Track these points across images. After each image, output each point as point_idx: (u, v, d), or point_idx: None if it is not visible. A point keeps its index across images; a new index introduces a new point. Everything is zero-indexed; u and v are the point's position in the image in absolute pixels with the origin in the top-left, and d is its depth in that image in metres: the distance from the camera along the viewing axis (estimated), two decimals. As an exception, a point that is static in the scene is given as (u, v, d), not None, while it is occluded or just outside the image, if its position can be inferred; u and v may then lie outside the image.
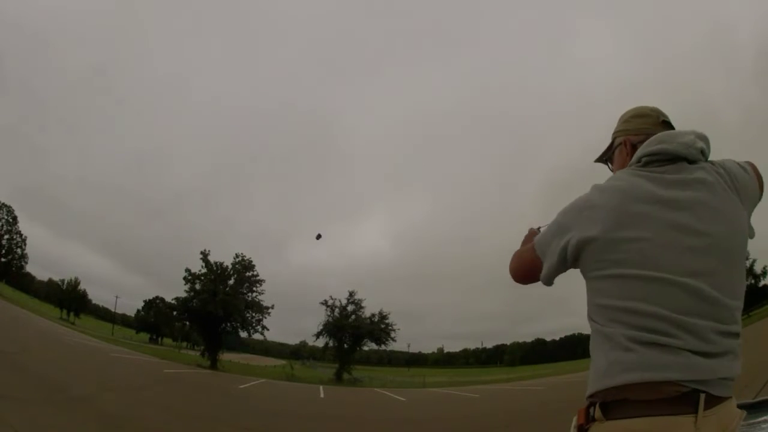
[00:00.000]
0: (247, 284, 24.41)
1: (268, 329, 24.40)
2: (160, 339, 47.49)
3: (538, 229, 1.23)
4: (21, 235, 41.73)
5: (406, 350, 49.91)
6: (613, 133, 1.20)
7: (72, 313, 43.32)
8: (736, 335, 0.89)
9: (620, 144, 1.15)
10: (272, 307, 24.63)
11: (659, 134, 1.02)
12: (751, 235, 0.96)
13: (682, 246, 0.89)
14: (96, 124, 78.35)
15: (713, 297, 0.88)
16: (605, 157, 1.23)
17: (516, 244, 1.21)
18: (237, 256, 24.81)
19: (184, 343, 41.41)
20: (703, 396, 0.80)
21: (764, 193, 1.04)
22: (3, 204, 40.61)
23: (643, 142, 1.04)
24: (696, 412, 0.79)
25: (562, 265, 1.01)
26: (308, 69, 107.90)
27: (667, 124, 1.11)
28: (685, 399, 0.81)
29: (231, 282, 24.02)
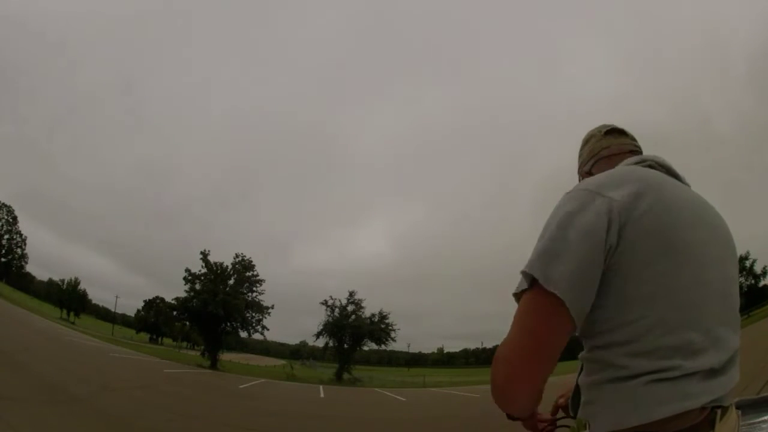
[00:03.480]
0: (247, 284, 24.45)
1: (268, 329, 24.50)
2: (160, 339, 47.51)
3: None
4: (21, 235, 41.81)
5: (406, 350, 49.89)
6: (579, 168, 1.11)
7: (72, 313, 43.30)
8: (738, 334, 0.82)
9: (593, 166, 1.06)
10: (272, 307, 24.72)
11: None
12: None
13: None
14: (104, 128, 78.47)
15: (734, 296, 0.80)
16: None
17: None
18: (237, 256, 24.88)
19: (184, 343, 41.41)
20: (719, 411, 0.72)
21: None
22: (3, 204, 40.66)
23: (618, 155, 1.00)
24: (713, 428, 0.71)
25: None
26: (315, 83, 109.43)
27: (613, 131, 1.06)
28: (706, 419, 0.71)
29: (231, 282, 24.06)
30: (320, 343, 26.91)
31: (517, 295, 0.77)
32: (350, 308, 26.80)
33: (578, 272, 0.71)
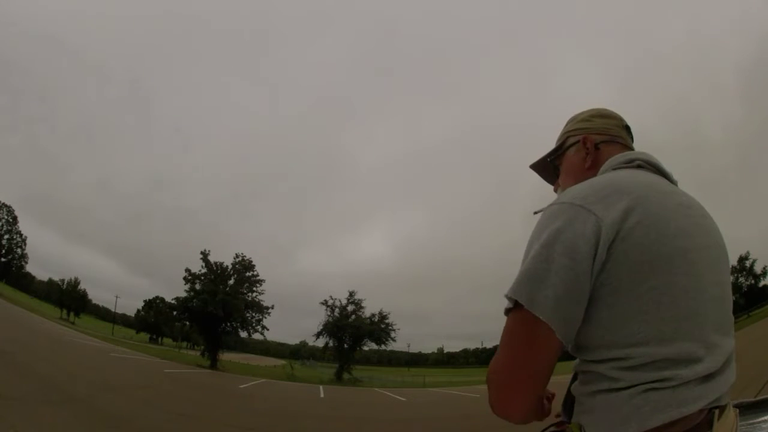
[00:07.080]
0: (247, 284, 24.44)
1: (268, 329, 24.48)
2: (160, 339, 47.55)
3: None
4: (21, 235, 41.92)
5: (406, 350, 49.97)
6: (565, 133, 1.05)
7: (72, 313, 43.32)
8: (732, 336, 0.81)
9: (576, 142, 1.01)
10: (272, 307, 24.71)
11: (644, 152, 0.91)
12: None
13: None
14: (110, 131, 78.85)
15: (728, 300, 0.79)
16: (551, 157, 1.08)
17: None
18: (237, 256, 24.88)
19: (184, 343, 41.41)
20: (717, 411, 0.71)
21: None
22: (3, 204, 40.74)
23: (607, 143, 0.97)
24: (711, 428, 0.70)
25: None
26: (321, 93, 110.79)
27: (629, 130, 1.03)
28: (704, 420, 0.70)
29: (231, 282, 24.06)
30: (320, 343, 26.97)
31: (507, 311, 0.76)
32: (350, 308, 26.85)
33: (564, 296, 0.69)
